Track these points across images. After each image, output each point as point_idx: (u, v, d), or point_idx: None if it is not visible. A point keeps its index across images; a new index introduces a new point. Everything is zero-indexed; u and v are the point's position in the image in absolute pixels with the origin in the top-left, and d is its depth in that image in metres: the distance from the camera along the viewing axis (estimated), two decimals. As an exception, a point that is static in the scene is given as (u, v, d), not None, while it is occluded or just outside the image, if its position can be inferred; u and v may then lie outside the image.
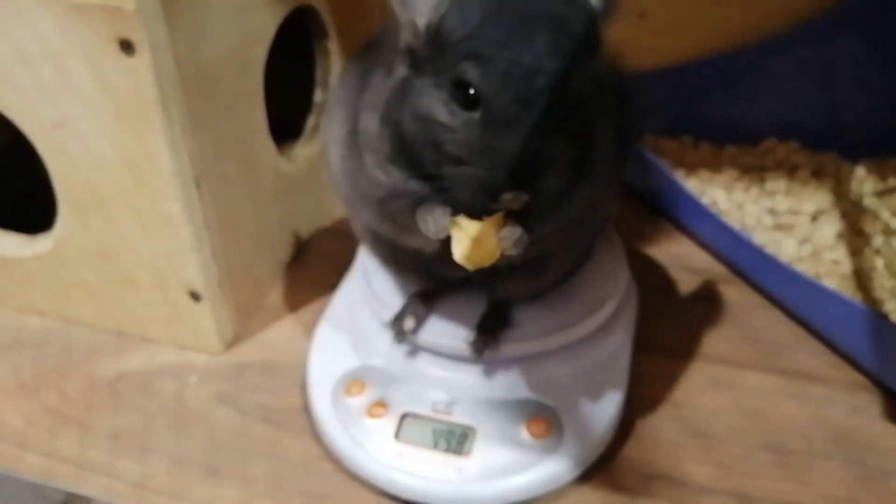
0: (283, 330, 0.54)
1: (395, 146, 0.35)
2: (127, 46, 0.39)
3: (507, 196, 0.31)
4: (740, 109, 0.67)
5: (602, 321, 0.46)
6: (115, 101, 0.41)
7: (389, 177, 0.36)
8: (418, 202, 0.35)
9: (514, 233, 0.34)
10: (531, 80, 0.31)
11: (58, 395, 0.49)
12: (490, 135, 0.31)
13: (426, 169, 0.34)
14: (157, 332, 0.52)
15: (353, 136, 0.38)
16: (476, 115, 0.32)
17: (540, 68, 0.31)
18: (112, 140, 0.43)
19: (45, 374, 0.51)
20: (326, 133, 0.43)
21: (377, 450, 0.42)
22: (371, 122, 0.36)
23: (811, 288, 0.49)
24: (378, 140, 0.35)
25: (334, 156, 0.41)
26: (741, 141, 0.67)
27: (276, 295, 0.56)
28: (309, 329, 0.52)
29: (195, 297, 0.49)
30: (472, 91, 0.32)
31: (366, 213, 0.40)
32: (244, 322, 0.53)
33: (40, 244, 0.51)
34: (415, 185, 0.35)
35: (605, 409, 0.44)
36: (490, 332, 0.43)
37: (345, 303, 0.50)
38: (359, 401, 0.44)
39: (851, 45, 0.63)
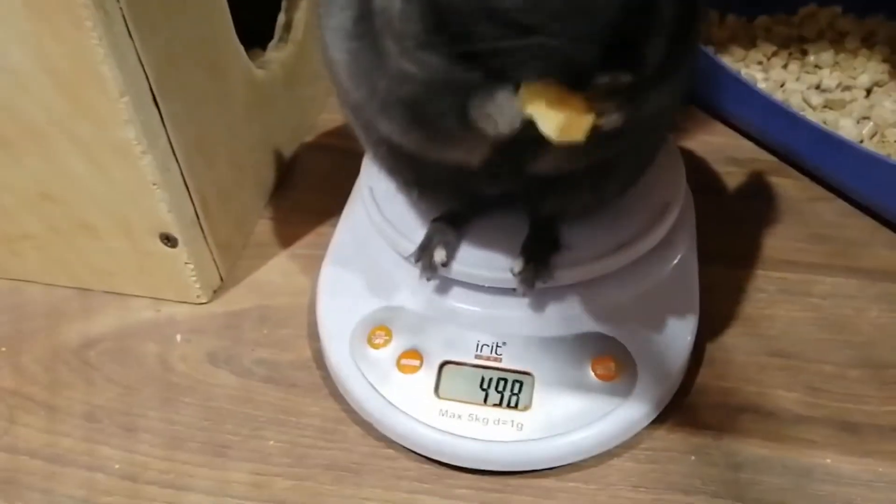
0: (276, 269, 0.46)
1: (429, 23, 0.25)
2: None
3: (602, 79, 0.23)
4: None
5: (665, 232, 0.39)
6: (29, -7, 0.31)
7: (424, 66, 0.26)
8: (466, 97, 0.27)
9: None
10: None
11: (13, 372, 0.41)
12: None
13: (476, 47, 0.25)
14: (126, 285, 0.44)
15: (364, 21, 0.28)
16: None
17: None
18: (31, 49, 0.34)
19: (-6, 347, 0.42)
20: (322, 26, 0.32)
21: (414, 409, 0.35)
22: None
23: (886, 168, 0.42)
24: (403, 19, 0.26)
25: (337, 52, 0.31)
26: (774, 10, 0.61)
27: (262, 228, 0.48)
28: (306, 265, 0.45)
29: (168, 239, 0.40)
30: None
31: (386, 123, 0.30)
32: (229, 264, 0.45)
33: (-37, 192, 0.41)
34: (461, 72, 0.26)
35: (679, 335, 0.37)
36: (540, 259, 0.36)
37: (351, 235, 0.42)
38: (385, 351, 0.37)
39: None
